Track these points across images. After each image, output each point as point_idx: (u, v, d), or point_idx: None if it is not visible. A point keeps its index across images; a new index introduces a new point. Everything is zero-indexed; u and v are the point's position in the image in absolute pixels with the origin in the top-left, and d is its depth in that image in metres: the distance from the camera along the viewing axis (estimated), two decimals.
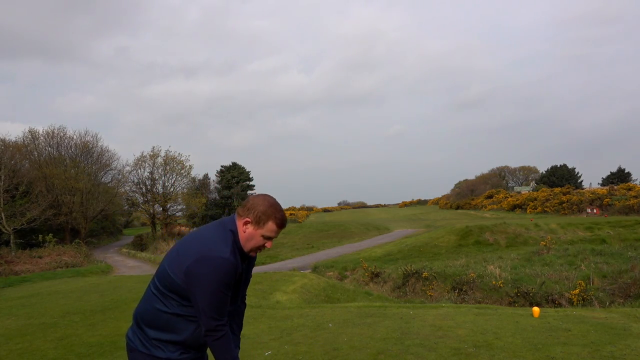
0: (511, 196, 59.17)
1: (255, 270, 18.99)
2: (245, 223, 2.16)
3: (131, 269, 21.75)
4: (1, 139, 30.32)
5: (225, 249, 2.07)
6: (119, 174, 40.06)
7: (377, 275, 16.73)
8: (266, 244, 2.19)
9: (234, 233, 2.16)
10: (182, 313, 2.10)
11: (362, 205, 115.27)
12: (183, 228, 44.82)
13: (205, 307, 2.03)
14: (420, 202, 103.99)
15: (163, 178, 41.52)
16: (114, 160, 39.10)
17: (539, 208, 48.10)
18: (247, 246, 2.17)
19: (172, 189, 42.03)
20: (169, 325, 2.11)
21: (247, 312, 7.26)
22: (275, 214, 2.17)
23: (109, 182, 39.10)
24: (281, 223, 2.18)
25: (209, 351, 2.26)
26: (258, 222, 2.14)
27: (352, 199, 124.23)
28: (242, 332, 2.54)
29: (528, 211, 48.91)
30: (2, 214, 26.75)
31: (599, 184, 66.25)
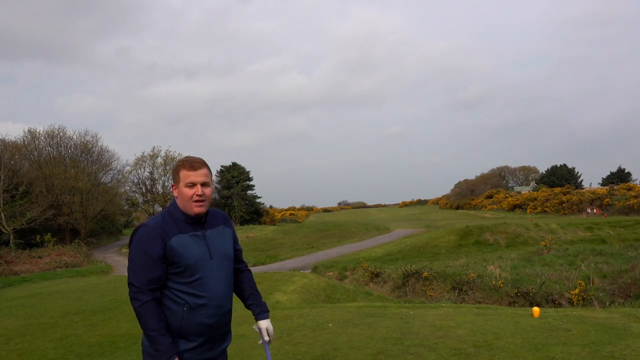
0: (511, 196, 59.17)
1: (255, 270, 18.97)
2: (174, 189, 2.22)
3: None
4: (1, 139, 30.31)
5: (150, 221, 2.15)
6: (119, 174, 40.07)
7: (377, 275, 16.71)
8: (195, 193, 2.13)
9: (170, 206, 2.21)
10: (165, 294, 2.13)
11: (362, 205, 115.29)
12: None
13: (128, 272, 2.10)
14: (420, 202, 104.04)
15: (163, 178, 41.55)
16: (114, 160, 39.08)
17: (539, 208, 48.10)
18: (186, 207, 2.16)
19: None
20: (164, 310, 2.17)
21: (247, 312, 7.25)
22: (181, 161, 2.19)
23: (109, 182, 39.07)
24: (190, 165, 2.15)
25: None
26: (176, 180, 2.18)
27: (352, 199, 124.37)
28: (242, 332, 2.53)
29: (528, 211, 48.91)
30: (2, 214, 26.74)
31: (599, 184, 66.30)
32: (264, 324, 2.41)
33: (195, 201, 2.13)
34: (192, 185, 2.13)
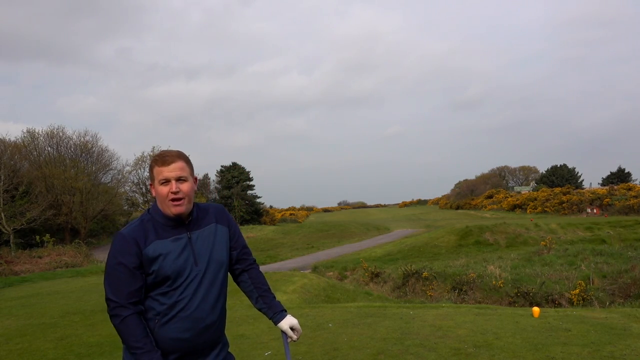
0: (511, 196, 59.20)
1: None
2: (151, 189, 1.99)
3: None
4: (1, 139, 30.33)
5: (126, 227, 1.95)
6: (118, 174, 40.10)
7: (377, 275, 16.72)
8: (171, 190, 1.88)
9: (151, 208, 2.00)
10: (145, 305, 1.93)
11: (362, 205, 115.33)
12: None
13: (105, 287, 1.91)
14: (420, 202, 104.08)
15: None
16: (114, 160, 39.13)
17: (539, 208, 48.11)
18: (163, 206, 1.93)
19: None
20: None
21: (247, 312, 7.27)
22: (154, 157, 1.96)
23: (108, 182, 39.11)
24: (161, 160, 1.91)
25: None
26: (151, 178, 1.96)
27: (352, 199, 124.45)
28: (241, 332, 2.36)
29: (528, 211, 48.92)
30: (2, 214, 26.74)
31: (599, 184, 66.31)
32: (284, 324, 2.14)
33: (172, 200, 1.88)
34: (166, 181, 1.88)
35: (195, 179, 2.01)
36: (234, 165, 55.81)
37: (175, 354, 1.90)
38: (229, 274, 2.14)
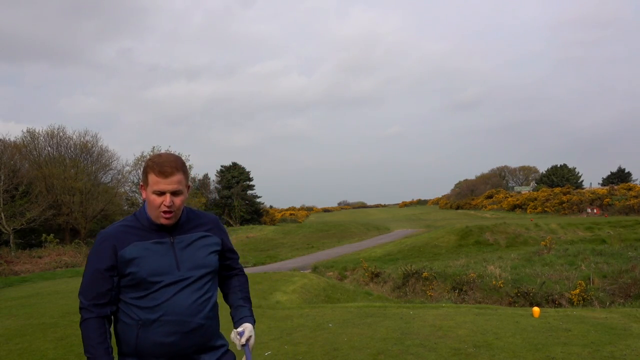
0: (511, 196, 59.21)
1: (256, 270, 18.98)
2: (141, 190, 1.88)
3: None
4: (1, 139, 30.34)
5: (110, 226, 1.91)
6: (118, 174, 40.08)
7: (377, 275, 16.72)
8: (163, 203, 1.80)
9: (141, 208, 1.92)
10: (120, 308, 1.88)
11: (362, 205, 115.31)
12: None
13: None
14: (420, 202, 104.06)
15: None
16: (114, 160, 39.10)
17: (539, 208, 48.11)
18: (152, 215, 1.85)
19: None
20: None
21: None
22: (151, 162, 1.82)
23: (108, 182, 39.09)
24: (159, 170, 1.78)
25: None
26: (144, 181, 1.85)
27: (352, 199, 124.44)
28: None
29: (528, 211, 48.92)
30: (2, 214, 26.75)
31: (599, 184, 66.32)
32: (240, 327, 2.00)
33: (163, 212, 1.82)
34: (161, 193, 1.80)
35: (189, 187, 1.93)
36: (234, 165, 55.83)
37: (161, 358, 1.85)
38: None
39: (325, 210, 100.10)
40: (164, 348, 1.83)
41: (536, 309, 6.42)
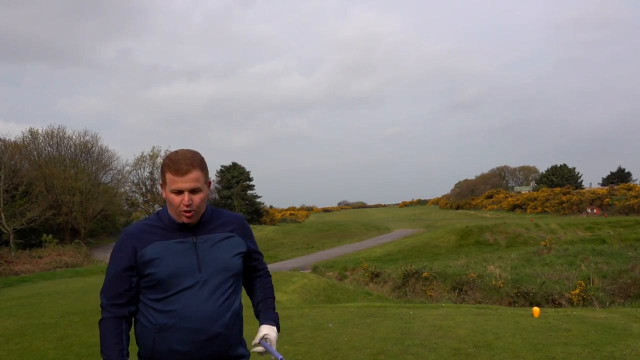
0: (511, 196, 59.21)
1: None
2: (162, 188, 1.84)
3: None
4: (1, 139, 30.33)
5: (133, 224, 1.88)
6: (118, 174, 40.11)
7: (377, 275, 16.72)
8: (182, 202, 1.74)
9: (160, 211, 1.89)
10: (140, 309, 1.85)
11: (362, 205, 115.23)
12: None
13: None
14: (420, 202, 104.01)
15: None
16: (114, 160, 39.14)
17: (539, 208, 48.11)
18: (173, 214, 1.81)
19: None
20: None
21: (247, 312, 7.25)
22: (168, 160, 1.77)
23: (109, 182, 39.10)
24: (175, 168, 1.73)
25: None
26: (162, 180, 1.80)
27: (352, 199, 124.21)
28: (244, 334, 2.15)
29: (528, 211, 48.92)
30: (2, 214, 26.74)
31: (599, 184, 66.27)
32: (264, 329, 1.97)
33: (184, 210, 1.76)
34: (179, 192, 1.75)
35: (209, 182, 1.88)
36: (234, 165, 55.80)
37: None
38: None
39: (325, 210, 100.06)
40: (178, 356, 1.75)
41: (536, 309, 6.42)
